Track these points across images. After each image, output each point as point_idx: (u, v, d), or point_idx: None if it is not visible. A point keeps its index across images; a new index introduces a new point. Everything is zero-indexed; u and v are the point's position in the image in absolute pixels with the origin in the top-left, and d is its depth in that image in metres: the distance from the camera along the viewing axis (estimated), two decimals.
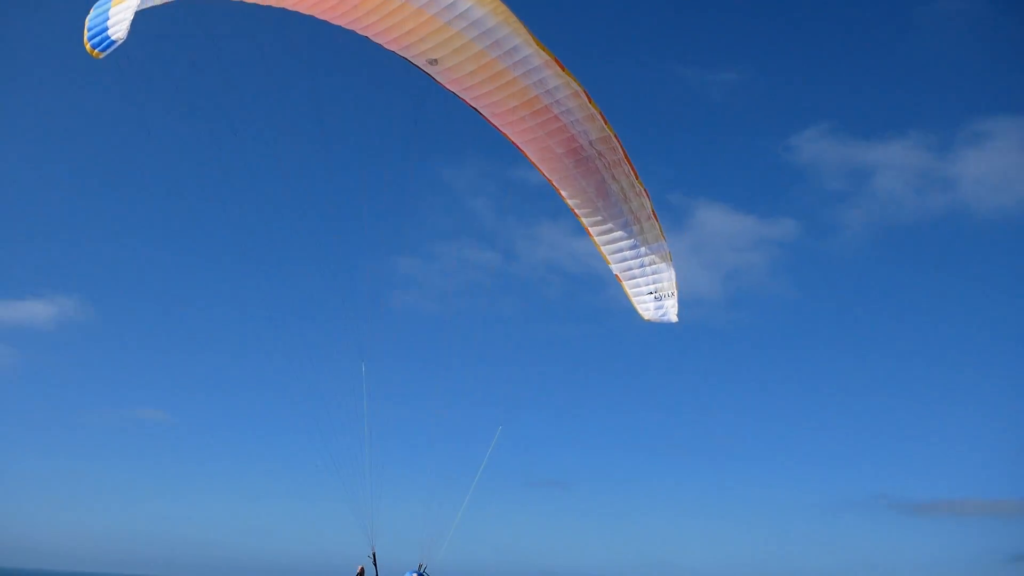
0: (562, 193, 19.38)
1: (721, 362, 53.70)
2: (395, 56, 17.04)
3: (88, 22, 10.98)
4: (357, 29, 15.50)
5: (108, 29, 10.64)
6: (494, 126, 18.24)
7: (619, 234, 19.19)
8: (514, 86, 16.75)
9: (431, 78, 17.22)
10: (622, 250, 19.40)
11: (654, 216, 18.55)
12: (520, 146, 18.61)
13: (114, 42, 10.59)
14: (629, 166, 17.99)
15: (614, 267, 19.79)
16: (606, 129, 17.49)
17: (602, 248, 19.74)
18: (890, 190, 55.26)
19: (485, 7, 14.94)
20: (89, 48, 10.70)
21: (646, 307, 19.38)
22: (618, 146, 17.71)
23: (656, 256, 18.94)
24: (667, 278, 19.00)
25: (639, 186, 18.23)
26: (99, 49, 10.63)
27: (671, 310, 18.91)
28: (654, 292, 19.24)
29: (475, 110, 17.90)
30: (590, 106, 17.05)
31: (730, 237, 55.60)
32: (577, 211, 19.51)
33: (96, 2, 11.16)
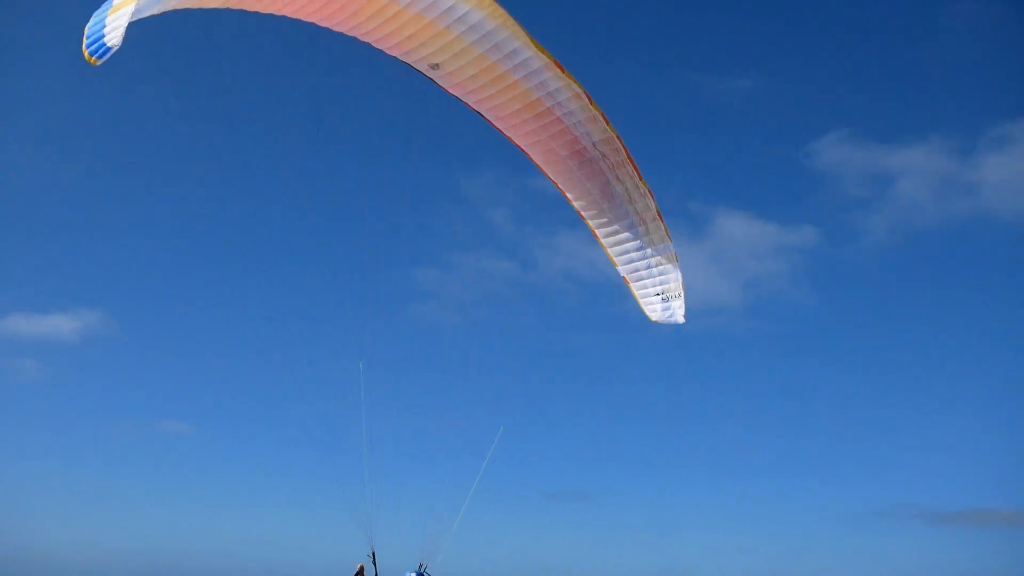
0: (568, 196, 19.40)
1: (742, 371, 53.15)
2: (408, 66, 17.21)
3: (87, 30, 11.21)
4: (359, 35, 15.65)
5: (104, 36, 10.86)
6: (498, 129, 18.32)
7: (625, 235, 19.16)
8: (516, 89, 16.80)
9: (434, 83, 17.35)
10: (628, 251, 19.37)
11: (659, 217, 18.51)
12: (525, 149, 18.67)
13: (109, 48, 10.79)
14: (632, 167, 17.97)
15: (621, 269, 19.75)
16: (608, 130, 17.49)
17: (609, 250, 19.72)
18: (912, 196, 54.53)
19: (483, 11, 15.02)
20: (87, 55, 10.93)
21: (653, 308, 19.32)
22: (621, 147, 17.70)
23: (662, 257, 18.89)
24: (674, 279, 18.93)
25: (643, 187, 18.20)
26: (96, 56, 10.85)
27: (678, 311, 18.83)
28: (661, 293, 19.17)
29: (479, 114, 18.00)
30: (591, 108, 17.07)
31: (750, 245, 55.12)
32: (583, 213, 19.52)
33: (96, 10, 11.39)
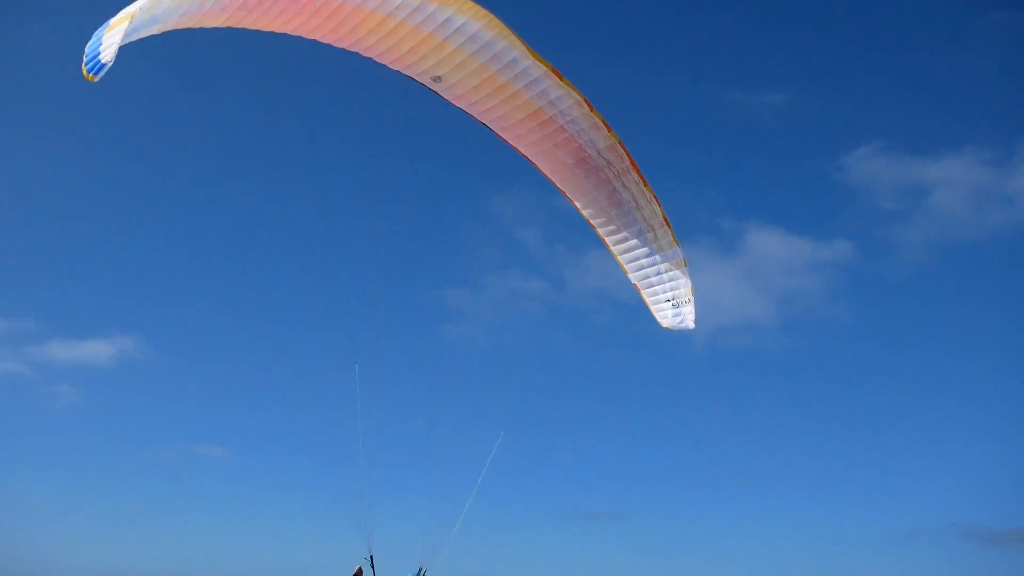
0: (576, 204, 19.50)
1: (777, 389, 52.31)
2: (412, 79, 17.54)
3: (86, 48, 11.71)
4: (360, 51, 15.99)
5: (100, 54, 11.35)
6: (504, 140, 18.54)
7: (634, 242, 19.18)
8: (518, 99, 16.98)
9: (439, 96, 17.63)
10: (638, 258, 19.38)
11: (666, 222, 18.51)
12: (531, 159, 18.82)
13: (104, 65, 11.26)
14: (637, 173, 18.01)
15: (632, 276, 19.75)
16: (611, 137, 17.56)
17: (619, 257, 19.74)
18: (948, 207, 53.34)
19: (480, 22, 15.25)
20: (85, 72, 11.42)
21: (664, 315, 19.28)
22: (624, 154, 17.76)
23: (672, 263, 18.87)
24: (683, 284, 18.89)
25: (649, 193, 18.23)
26: (92, 72, 11.33)
27: (688, 317, 18.77)
28: (672, 299, 19.13)
29: (484, 125, 18.23)
30: (593, 115, 17.16)
31: (783, 260, 54.44)
32: (592, 221, 19.59)
33: (97, 30, 11.90)
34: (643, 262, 19.32)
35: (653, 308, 19.49)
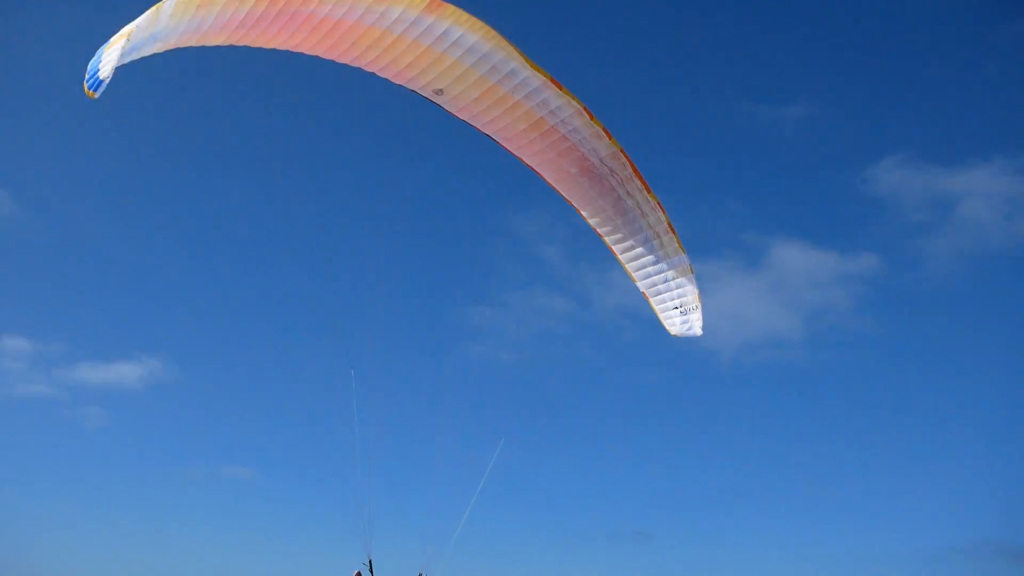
0: (582, 213, 19.56)
1: (805, 404, 51.54)
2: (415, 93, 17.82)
3: (89, 65, 12.10)
4: (362, 66, 16.30)
5: (99, 71, 11.74)
6: (509, 151, 18.70)
7: (640, 250, 19.20)
8: (518, 109, 17.15)
9: (442, 108, 17.87)
10: (645, 266, 19.39)
11: (671, 229, 18.52)
12: (536, 169, 18.96)
13: (102, 81, 11.64)
14: (640, 180, 18.07)
15: (640, 284, 19.75)
16: (613, 145, 17.65)
17: (627, 266, 19.76)
18: (976, 218, 52.49)
19: (476, 34, 15.47)
20: (85, 89, 11.81)
21: (672, 322, 19.24)
22: (627, 161, 17.82)
23: (678, 270, 18.86)
24: (690, 291, 18.86)
25: (653, 200, 18.26)
26: (92, 89, 11.72)
27: (696, 323, 18.73)
28: (680, 307, 19.10)
29: (489, 137, 18.42)
30: (594, 123, 17.27)
31: (810, 274, 53.91)
32: (599, 230, 19.65)
33: (98, 49, 12.31)
34: (650, 270, 19.32)
35: (661, 316, 19.47)
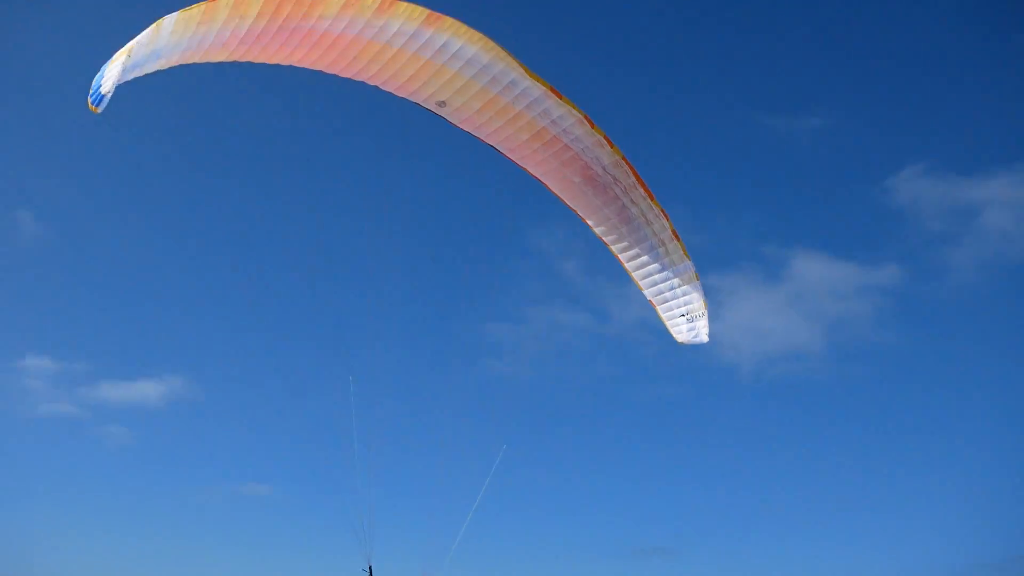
0: (588, 222, 19.64)
1: (829, 417, 50.82)
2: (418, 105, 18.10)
3: (93, 80, 12.47)
4: (365, 80, 16.58)
5: (101, 86, 12.09)
6: (513, 162, 18.88)
7: (646, 258, 19.24)
8: (521, 119, 17.32)
9: (446, 120, 18.10)
10: (651, 274, 19.41)
11: (676, 236, 18.55)
12: (541, 179, 19.09)
13: (103, 96, 11.98)
14: (643, 188, 18.14)
15: (647, 292, 19.77)
16: (615, 154, 17.75)
17: (633, 274, 19.79)
18: (998, 227, 51.81)
19: (475, 46, 15.67)
20: (89, 104, 12.16)
21: (679, 329, 19.23)
22: (629, 169, 17.91)
23: (684, 277, 18.87)
24: (696, 298, 18.86)
25: (656, 207, 18.31)
26: (95, 104, 12.06)
27: (702, 330, 18.71)
28: (686, 314, 19.09)
29: (493, 148, 18.60)
30: (596, 132, 17.38)
31: (831, 286, 53.40)
32: (605, 239, 19.71)
33: (103, 65, 12.68)
34: (656, 278, 19.35)
35: (668, 323, 19.47)
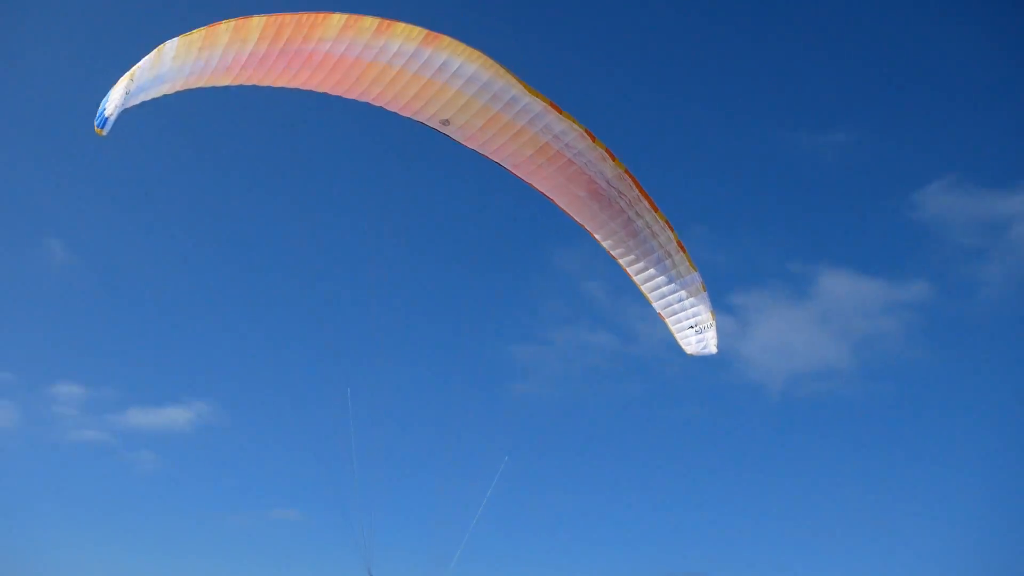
0: (596, 236, 19.72)
1: (860, 436, 49.88)
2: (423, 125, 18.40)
3: (99, 105, 12.89)
4: (369, 100, 16.93)
5: (105, 109, 12.51)
6: (519, 178, 19.07)
7: (654, 271, 19.26)
8: (524, 135, 17.51)
9: (450, 139, 18.36)
10: (660, 287, 19.41)
11: (681, 248, 18.57)
12: (548, 195, 19.23)
13: (107, 119, 12.39)
14: (648, 201, 18.21)
15: (656, 305, 19.75)
16: (618, 167, 17.87)
17: (642, 287, 19.79)
18: None
19: (474, 64, 15.94)
20: (95, 127, 12.57)
21: (688, 342, 19.18)
22: (633, 183, 18.01)
23: (691, 288, 18.86)
24: (704, 310, 18.81)
25: (662, 219, 18.36)
26: (99, 126, 12.46)
27: (711, 342, 18.65)
28: (695, 326, 19.05)
29: (499, 164, 18.82)
30: (598, 146, 17.54)
31: (859, 303, 52.68)
32: (612, 253, 19.77)
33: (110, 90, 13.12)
34: (664, 290, 19.34)
35: (678, 336, 19.42)
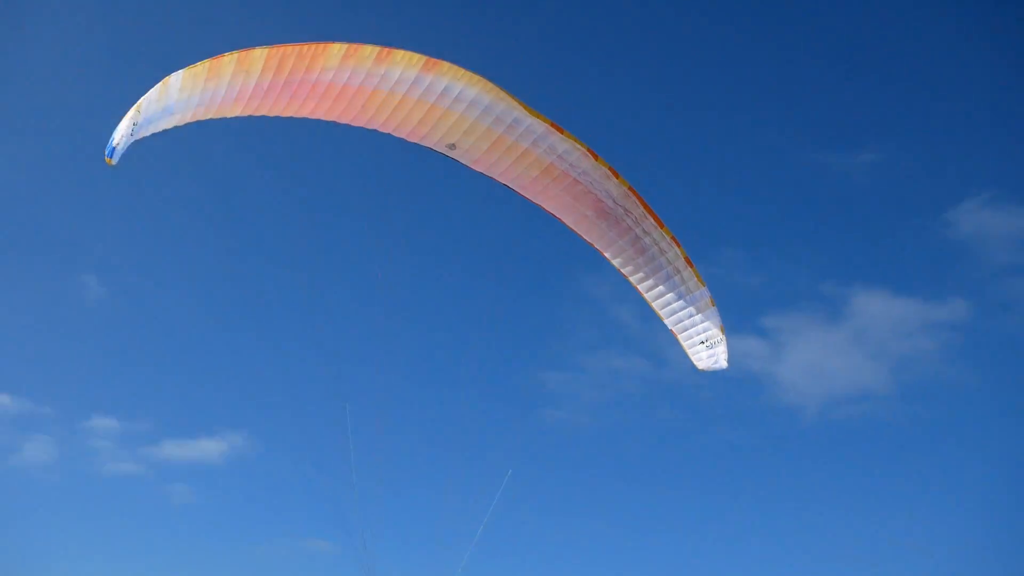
0: (606, 255, 19.86)
1: (900, 459, 48.67)
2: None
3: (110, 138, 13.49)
4: (376, 128, 17.36)
5: (113, 139, 13.10)
6: (527, 199, 19.34)
7: (663, 288, 19.32)
8: (528, 157, 17.78)
9: (458, 162, 18.72)
10: (670, 303, 19.46)
11: (689, 263, 18.64)
12: (556, 215, 19.48)
13: (114, 149, 12.95)
14: (654, 218, 18.34)
15: (667, 322, 19.79)
16: (623, 185, 18.05)
17: (653, 304, 19.86)
18: None
19: (475, 88, 16.28)
20: (106, 158, 13.14)
21: (699, 357, 19.17)
22: (638, 200, 18.16)
23: (700, 304, 18.89)
24: (714, 324, 18.82)
25: (668, 236, 18.47)
26: (108, 156, 13.04)
27: (721, 356, 18.63)
28: (705, 341, 19.05)
29: (506, 186, 19.11)
30: (601, 165, 17.75)
31: (895, 324, 51.73)
32: (623, 271, 19.88)
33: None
34: (675, 306, 19.39)
35: (689, 352, 19.42)
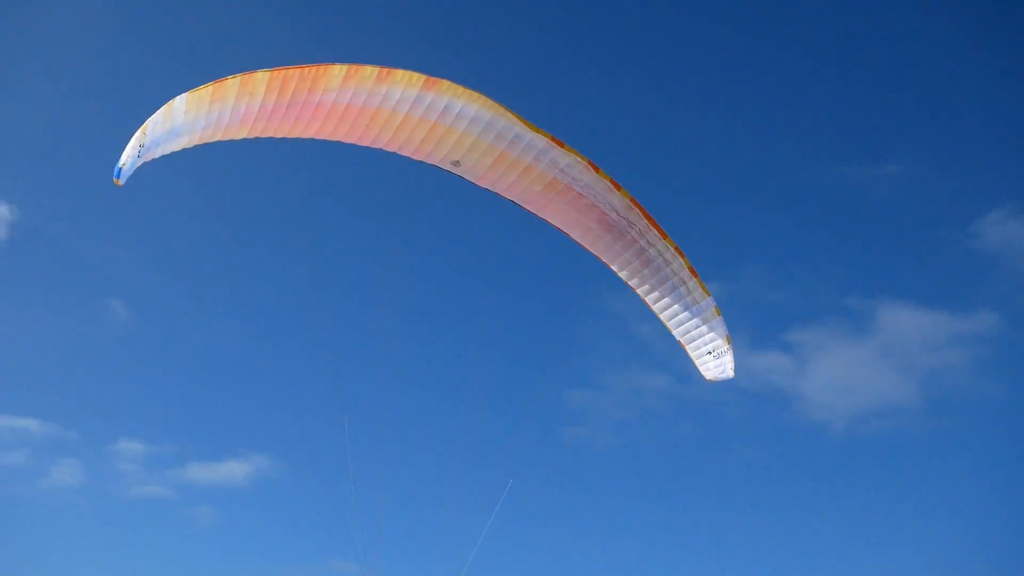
0: (612, 267, 20.00)
1: (929, 475, 47.78)
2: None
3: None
4: (380, 147, 17.74)
5: (120, 160, 13.55)
6: (533, 214, 19.58)
7: (669, 299, 19.41)
8: (531, 172, 18.02)
9: (463, 179, 19.04)
10: (677, 314, 19.53)
11: (694, 274, 18.72)
12: (562, 229, 19.69)
13: (121, 169, 13.39)
14: (657, 230, 18.47)
15: (675, 333, 19.85)
16: (626, 197, 18.22)
17: (660, 316, 19.93)
18: None
19: (475, 104, 16.58)
20: (114, 179, 13.58)
21: (707, 367, 19.20)
22: (641, 212, 18.31)
23: (707, 314, 18.94)
24: (720, 334, 18.86)
25: (672, 247, 18.58)
26: (116, 176, 13.48)
27: (728, 366, 18.65)
28: (712, 351, 19.08)
29: (512, 202, 19.37)
30: (603, 178, 17.94)
31: (922, 337, 51.04)
32: (629, 283, 19.99)
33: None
34: (681, 317, 19.45)
35: (697, 362, 19.45)
